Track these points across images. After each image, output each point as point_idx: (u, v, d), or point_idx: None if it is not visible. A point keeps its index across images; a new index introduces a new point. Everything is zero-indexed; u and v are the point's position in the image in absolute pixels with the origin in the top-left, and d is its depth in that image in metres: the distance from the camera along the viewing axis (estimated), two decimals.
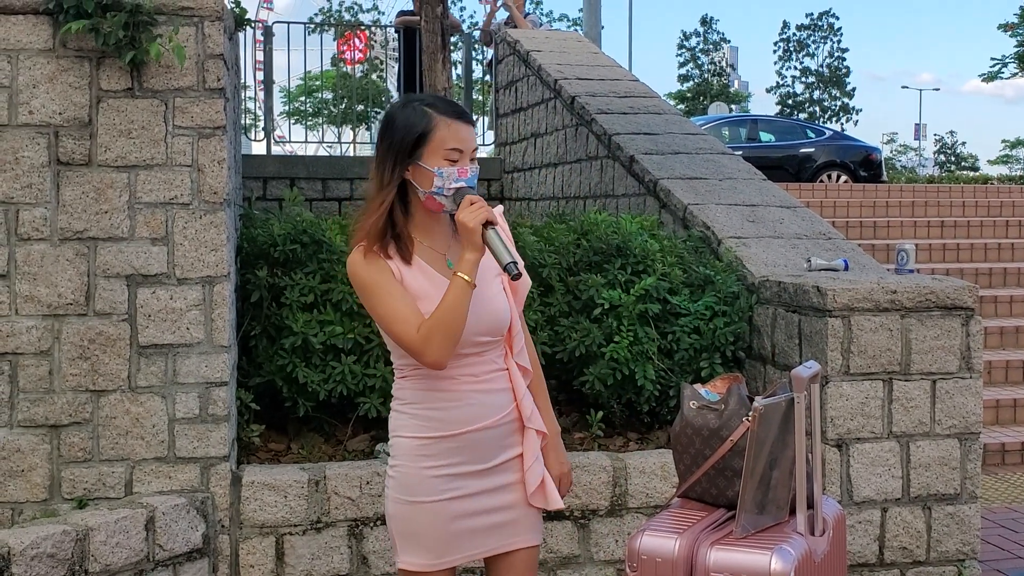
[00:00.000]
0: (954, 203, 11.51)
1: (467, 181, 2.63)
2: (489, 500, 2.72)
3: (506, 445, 2.74)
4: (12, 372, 3.99)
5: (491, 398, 2.71)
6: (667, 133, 7.25)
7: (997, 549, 5.17)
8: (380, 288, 2.63)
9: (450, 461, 2.68)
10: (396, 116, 2.70)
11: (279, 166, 9.37)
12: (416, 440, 2.69)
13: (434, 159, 2.63)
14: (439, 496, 2.67)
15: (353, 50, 21.23)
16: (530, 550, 2.81)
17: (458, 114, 2.68)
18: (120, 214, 4.04)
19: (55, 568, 3.59)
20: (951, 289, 4.50)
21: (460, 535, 2.70)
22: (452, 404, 2.67)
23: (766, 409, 2.66)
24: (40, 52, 3.98)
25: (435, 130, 2.64)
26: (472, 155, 2.68)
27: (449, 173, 2.62)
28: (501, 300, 2.73)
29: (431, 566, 2.70)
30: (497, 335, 2.72)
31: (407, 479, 2.70)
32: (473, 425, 2.68)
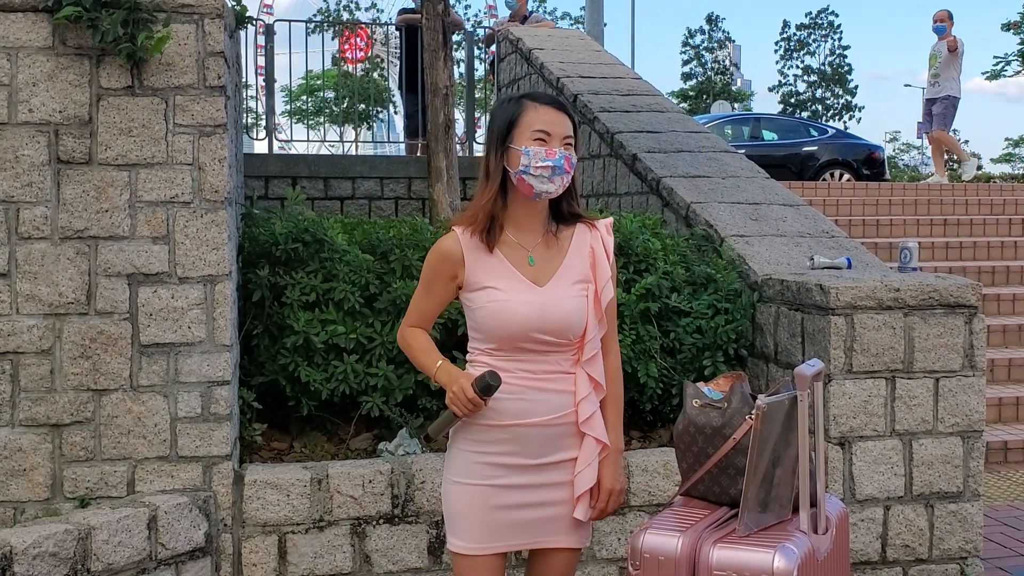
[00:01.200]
0: (957, 201, 11.47)
1: (554, 161, 2.71)
2: (535, 495, 2.77)
3: (561, 446, 2.78)
4: (13, 371, 3.98)
5: (546, 396, 2.75)
6: (670, 131, 7.24)
7: (1000, 547, 5.16)
8: (425, 280, 2.86)
9: (499, 450, 2.75)
10: (495, 112, 2.86)
11: (281, 165, 9.36)
12: (471, 425, 2.78)
13: (523, 140, 2.73)
14: (480, 480, 2.75)
15: (354, 49, 21.23)
16: (571, 552, 2.85)
17: (550, 101, 2.78)
18: (121, 213, 4.03)
19: (57, 567, 3.59)
20: (954, 287, 4.49)
21: (501, 523, 2.75)
22: (506, 395, 2.72)
23: (769, 407, 2.65)
24: (40, 50, 3.97)
25: (523, 114, 2.75)
26: (566, 141, 2.74)
27: (536, 152, 2.70)
28: (575, 304, 2.76)
29: (472, 549, 2.76)
30: (562, 337, 2.74)
31: (456, 460, 2.81)
32: (525, 419, 2.74)
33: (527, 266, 2.77)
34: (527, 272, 2.76)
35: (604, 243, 2.85)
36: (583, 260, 2.82)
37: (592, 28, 14.89)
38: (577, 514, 2.80)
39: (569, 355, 2.78)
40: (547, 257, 2.80)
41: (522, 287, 2.73)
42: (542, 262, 2.79)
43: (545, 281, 2.77)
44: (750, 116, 20.71)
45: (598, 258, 2.83)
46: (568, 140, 2.75)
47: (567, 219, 2.86)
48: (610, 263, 2.86)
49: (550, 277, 2.78)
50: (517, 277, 2.75)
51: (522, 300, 2.71)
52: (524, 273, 2.76)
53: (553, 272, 2.79)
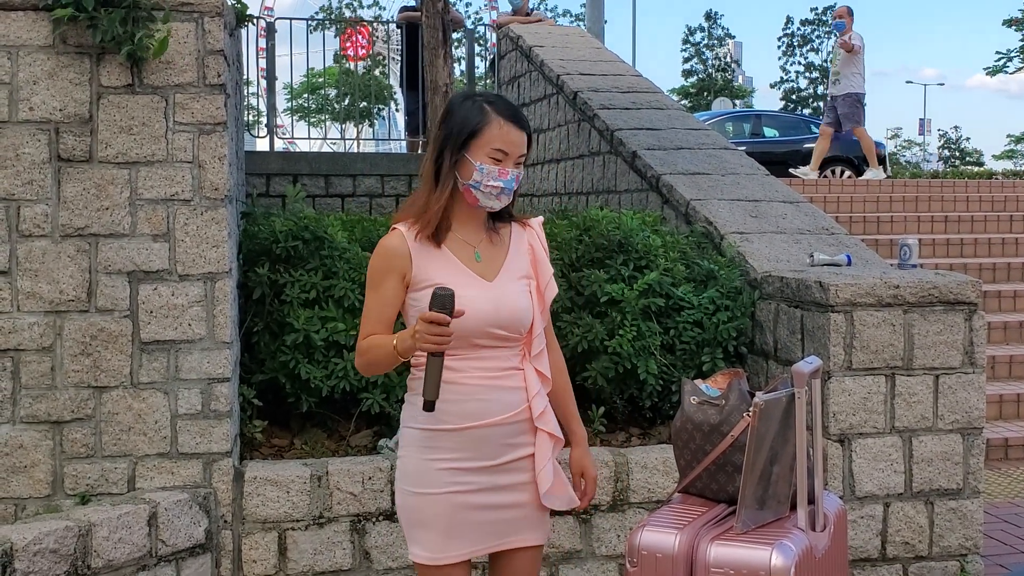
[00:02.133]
0: (958, 198, 11.46)
1: (505, 183, 2.70)
2: (495, 497, 2.73)
3: (515, 444, 2.75)
4: (14, 368, 3.99)
5: (501, 395, 2.72)
6: (670, 129, 7.24)
7: (1000, 544, 5.16)
8: (375, 281, 2.76)
9: (456, 455, 2.70)
10: (455, 110, 2.78)
11: (282, 162, 9.37)
12: (424, 432, 2.72)
13: (479, 155, 2.70)
14: (444, 488, 2.69)
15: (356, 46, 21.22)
16: (534, 549, 2.82)
17: (513, 117, 2.74)
18: (121, 210, 4.04)
19: (58, 564, 3.60)
20: (954, 284, 4.49)
21: (464, 529, 2.71)
22: (461, 398, 2.69)
23: (766, 404, 2.66)
24: (40, 48, 3.98)
25: (487, 128, 2.71)
26: (519, 160, 2.74)
27: (489, 171, 2.70)
28: (524, 300, 2.77)
29: (436, 559, 2.72)
30: (514, 331, 2.73)
31: (413, 470, 2.74)
32: (480, 420, 2.69)
33: (474, 262, 2.75)
34: (475, 268, 2.74)
35: (541, 241, 2.88)
36: (523, 257, 2.83)
37: (592, 25, 14.88)
38: (558, 506, 2.79)
39: (517, 351, 2.76)
40: (491, 253, 2.79)
41: (473, 282, 2.71)
42: (487, 258, 2.78)
43: (493, 276, 2.76)
44: (751, 113, 20.71)
45: (538, 255, 2.85)
46: (521, 159, 2.75)
47: (503, 217, 2.86)
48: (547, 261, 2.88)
49: (497, 272, 2.77)
50: (467, 272, 2.72)
51: (476, 295, 2.68)
52: (473, 269, 2.74)
53: (499, 267, 2.78)
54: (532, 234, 2.88)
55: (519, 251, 2.84)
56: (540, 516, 2.81)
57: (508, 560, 2.81)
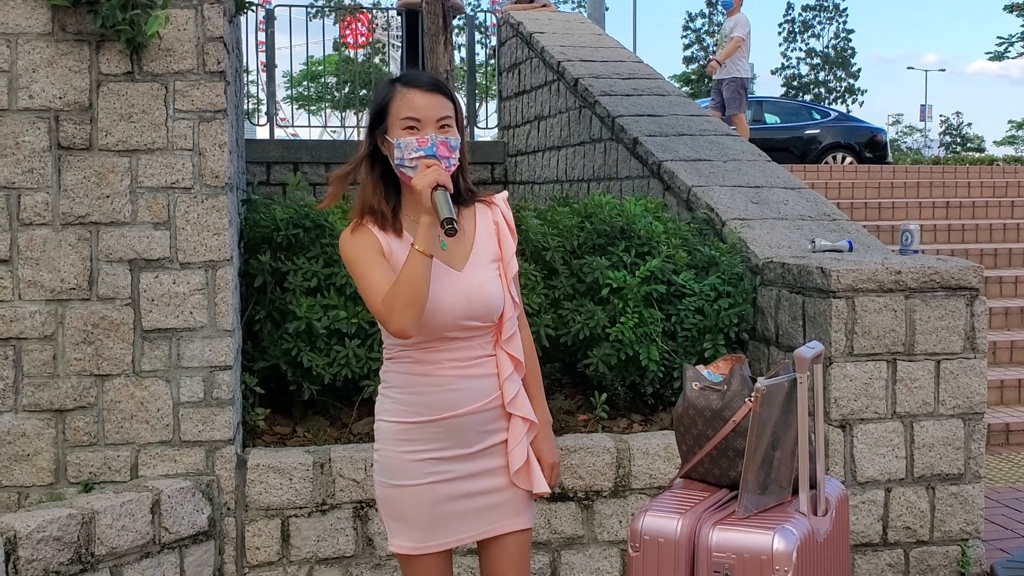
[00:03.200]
0: (959, 184, 11.46)
1: (426, 150, 2.59)
2: (474, 484, 2.71)
3: (491, 431, 2.73)
4: (16, 357, 3.99)
5: (475, 383, 2.69)
6: (671, 115, 7.23)
7: (1001, 528, 5.17)
8: (360, 261, 2.64)
9: (432, 446, 2.68)
10: (374, 96, 2.73)
11: (283, 151, 9.37)
12: (398, 424, 2.69)
13: (394, 131, 2.63)
14: (422, 480, 2.68)
15: (356, 34, 21.17)
16: (521, 533, 2.80)
17: (414, 82, 2.66)
18: (122, 198, 4.03)
19: (61, 551, 3.61)
20: (955, 269, 4.49)
21: (446, 518, 2.70)
22: (435, 389, 2.66)
23: (768, 390, 2.66)
24: (39, 36, 3.97)
25: (392, 102, 2.64)
26: (442, 124, 2.63)
27: (407, 143, 2.60)
28: (494, 286, 2.71)
29: (417, 549, 2.71)
30: (487, 321, 2.69)
31: (390, 463, 2.71)
32: (456, 410, 2.67)
33: (440, 251, 2.64)
34: (442, 256, 2.65)
35: (506, 218, 2.79)
36: (491, 238, 2.75)
37: (593, 12, 14.84)
38: (535, 488, 2.75)
39: (489, 337, 2.71)
40: (457, 239, 2.66)
41: (442, 274, 2.63)
42: (453, 244, 2.67)
43: (462, 264, 2.69)
44: (752, 99, 20.66)
45: (502, 232, 2.76)
46: (444, 121, 2.63)
47: (464, 199, 2.75)
48: (513, 236, 2.79)
49: (466, 260, 2.70)
50: (435, 263, 2.61)
51: (446, 289, 2.61)
52: (440, 258, 2.64)
53: (467, 254, 2.71)
54: (496, 211, 2.79)
55: (486, 233, 2.76)
56: (523, 500, 2.78)
57: (495, 546, 2.79)
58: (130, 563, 3.84)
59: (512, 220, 2.81)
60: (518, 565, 2.80)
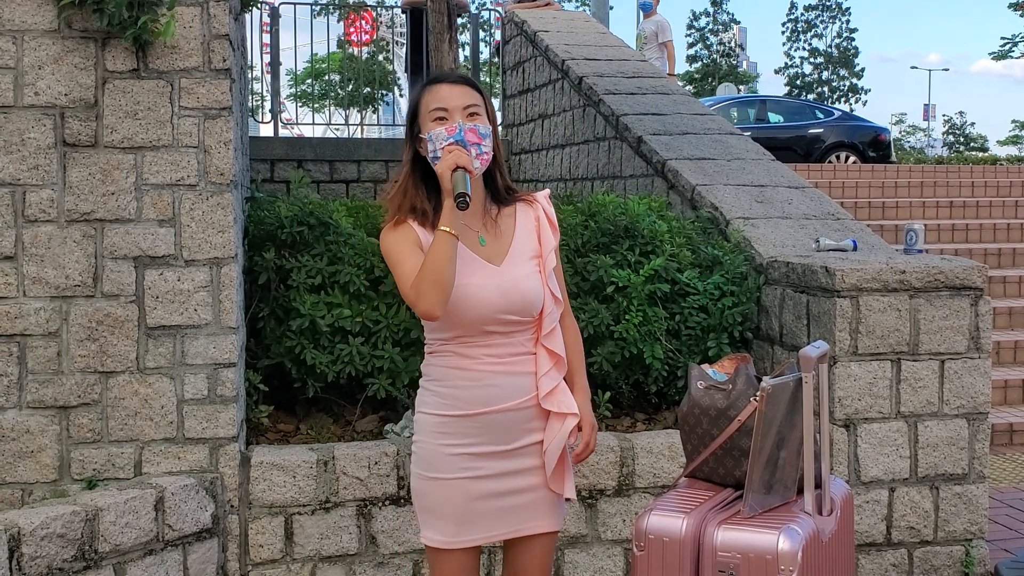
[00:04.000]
0: (963, 183, 11.45)
1: (455, 136, 2.64)
2: (509, 482, 2.73)
3: (528, 429, 2.75)
4: (21, 353, 4.00)
5: (513, 380, 2.71)
6: (675, 114, 7.22)
7: (1005, 529, 5.17)
8: (395, 251, 2.69)
9: (469, 441, 2.70)
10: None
11: (287, 148, 9.36)
12: (437, 417, 2.73)
13: (426, 126, 2.69)
14: (457, 474, 2.70)
15: (360, 32, 21.17)
16: (548, 536, 2.83)
17: (439, 78, 2.76)
18: (127, 196, 4.03)
19: (65, 548, 3.61)
20: (960, 269, 4.48)
21: (478, 515, 2.72)
22: (472, 384, 2.69)
23: (774, 389, 2.65)
24: (45, 33, 3.97)
25: (421, 99, 2.72)
26: (469, 111, 2.68)
27: (437, 134, 2.66)
28: (532, 281, 2.73)
29: (449, 543, 2.73)
30: (525, 315, 2.71)
31: (427, 455, 2.75)
32: (492, 406, 2.69)
33: (479, 246, 2.72)
34: (481, 252, 2.71)
35: (547, 213, 2.83)
36: (530, 234, 2.79)
37: (597, 10, 14.83)
38: (557, 489, 2.78)
39: (530, 334, 2.74)
40: (496, 236, 2.75)
41: (479, 268, 2.68)
42: (493, 241, 2.74)
43: (500, 260, 2.73)
44: (756, 98, 20.67)
45: (543, 227, 2.80)
46: (471, 109, 2.69)
47: (504, 197, 2.81)
48: (557, 230, 2.84)
49: (504, 255, 2.74)
50: (472, 258, 2.69)
51: (483, 283, 2.66)
52: (479, 253, 2.71)
53: (506, 250, 2.75)
54: (538, 208, 2.83)
55: (526, 230, 2.80)
56: (554, 502, 2.81)
57: (522, 546, 2.82)
58: (133, 560, 3.84)
59: (554, 216, 2.85)
60: (541, 566, 2.83)
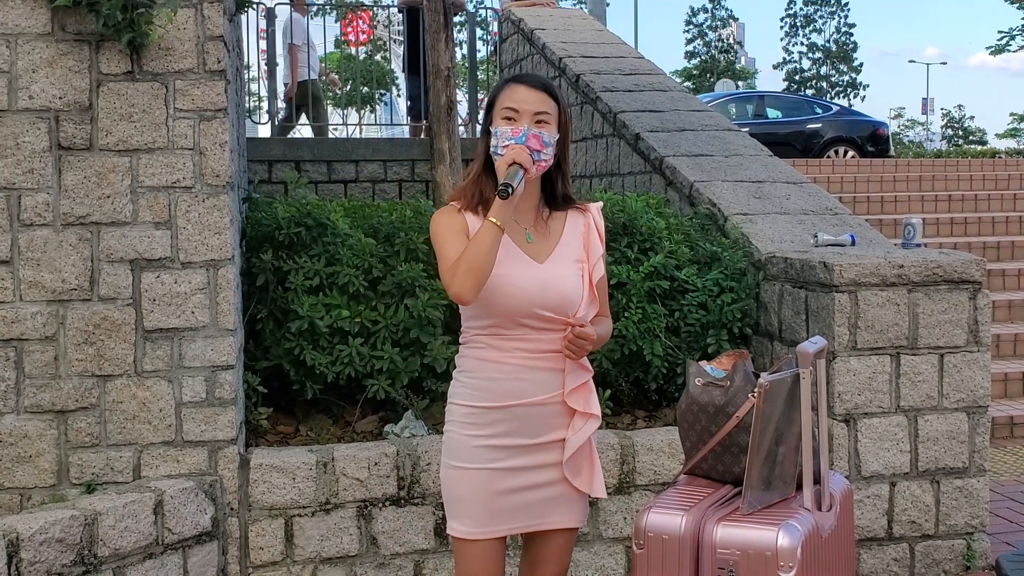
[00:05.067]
0: (961, 177, 11.44)
1: (516, 139, 2.71)
2: (534, 476, 2.78)
3: (554, 424, 2.80)
4: (18, 358, 3.99)
5: (542, 376, 2.77)
6: (673, 110, 7.22)
7: (1006, 522, 5.16)
8: (441, 236, 2.77)
9: (496, 431, 2.76)
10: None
11: (284, 149, 9.33)
12: (465, 408, 2.79)
13: (496, 121, 2.77)
14: (483, 464, 2.76)
15: (357, 31, 21.17)
16: (568, 532, 2.87)
17: (519, 78, 2.82)
18: (122, 198, 4.03)
19: (64, 553, 3.60)
20: (958, 263, 4.48)
21: (501, 506, 2.76)
22: (502, 376, 2.75)
23: (772, 385, 2.65)
24: (39, 36, 3.96)
25: (499, 95, 2.79)
26: (538, 118, 2.75)
27: (503, 132, 2.74)
28: (573, 282, 2.79)
29: (473, 534, 2.77)
30: (560, 313, 2.75)
31: (455, 444, 2.82)
32: (520, 400, 2.75)
33: (525, 243, 2.79)
34: (526, 248, 2.78)
35: (596, 224, 2.90)
36: (577, 240, 2.86)
37: (594, 8, 14.82)
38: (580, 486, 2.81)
39: (562, 332, 2.77)
40: (544, 236, 2.83)
41: (522, 263, 2.75)
42: (539, 240, 2.82)
43: (544, 258, 2.80)
44: (754, 94, 20.65)
45: (591, 237, 2.87)
46: (541, 116, 2.75)
47: (559, 203, 2.88)
48: (602, 243, 2.90)
49: (548, 255, 2.81)
50: (517, 253, 2.76)
51: (524, 275, 2.73)
52: (524, 249, 2.78)
53: (551, 250, 2.82)
54: (589, 217, 2.90)
55: (574, 235, 2.87)
56: (577, 498, 2.85)
57: (542, 541, 2.86)
58: (133, 564, 3.83)
59: (603, 228, 2.92)
60: (560, 561, 2.88)
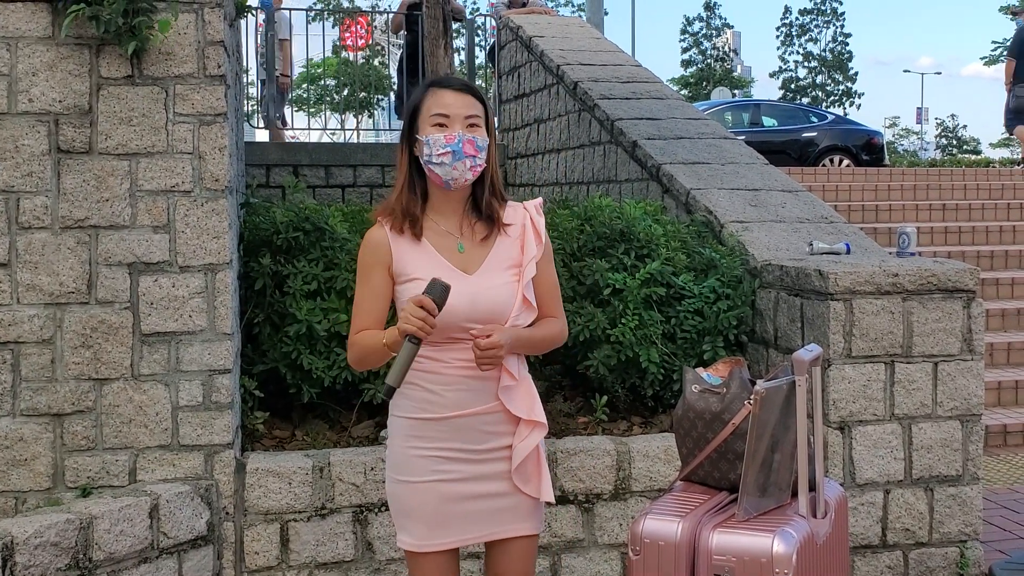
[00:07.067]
0: (956, 186, 11.46)
1: (453, 146, 2.66)
2: (480, 486, 2.75)
3: (498, 432, 2.76)
4: (14, 361, 3.99)
5: (482, 384, 2.73)
6: (669, 118, 7.24)
7: (999, 530, 5.17)
8: (362, 275, 2.78)
9: (440, 444, 2.73)
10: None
11: (282, 153, 9.35)
12: (408, 420, 2.76)
13: (424, 128, 2.70)
14: (427, 477, 2.73)
15: (355, 36, 21.20)
16: (528, 539, 2.84)
17: (445, 82, 2.76)
18: (121, 202, 4.03)
19: (59, 557, 3.60)
20: (952, 272, 4.50)
21: (451, 517, 2.73)
22: (443, 387, 2.71)
23: (768, 392, 2.66)
24: (39, 40, 3.97)
25: (423, 101, 2.73)
26: (470, 122, 2.70)
27: (436, 139, 2.68)
28: (505, 291, 2.73)
29: (422, 546, 2.75)
30: (491, 324, 2.69)
31: (398, 459, 2.78)
32: (462, 410, 2.72)
33: (456, 254, 2.73)
34: (456, 260, 2.72)
35: (533, 222, 2.82)
36: (513, 243, 2.79)
37: (592, 15, 14.85)
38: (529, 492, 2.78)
39: None
40: (475, 244, 2.76)
41: (450, 275, 2.65)
42: (472, 249, 2.75)
43: (475, 268, 2.74)
44: (750, 103, 20.68)
45: (527, 238, 2.80)
46: (472, 119, 2.70)
47: (491, 207, 2.79)
48: (542, 241, 2.82)
49: (480, 264, 2.75)
50: (445, 266, 2.70)
51: (454, 291, 2.62)
52: (453, 262, 2.72)
53: (483, 258, 2.76)
54: (526, 217, 2.83)
55: (511, 238, 2.80)
56: (530, 506, 2.82)
57: (501, 549, 2.83)
58: (128, 568, 3.83)
59: (542, 226, 2.84)
60: (522, 569, 2.84)
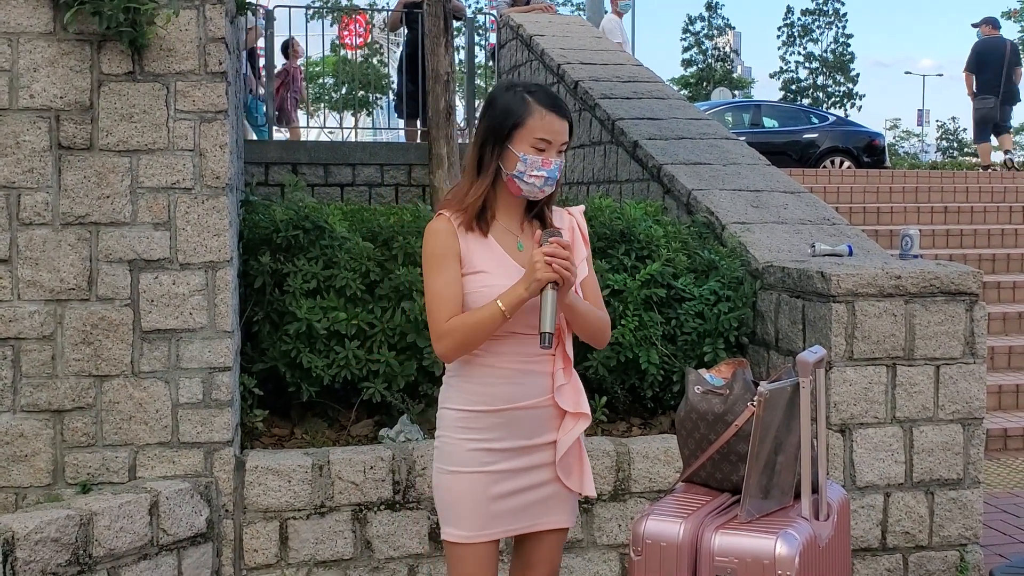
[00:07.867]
0: (957, 189, 11.46)
1: (548, 172, 2.76)
2: (525, 478, 2.80)
3: (547, 427, 2.82)
4: (15, 357, 3.98)
5: (534, 379, 2.79)
6: (671, 118, 7.23)
7: (999, 534, 5.17)
8: (437, 263, 2.77)
9: (491, 436, 2.77)
10: (498, 99, 2.83)
11: (281, 151, 9.34)
12: (460, 412, 2.80)
13: (522, 146, 2.75)
14: (478, 468, 2.77)
15: (353, 35, 21.18)
16: (560, 532, 2.89)
17: (554, 106, 2.79)
18: (122, 199, 4.02)
19: (59, 552, 3.60)
20: (955, 274, 4.49)
21: (498, 510, 2.77)
22: (496, 380, 2.76)
23: (771, 394, 2.65)
24: (40, 35, 3.96)
25: (529, 119, 2.76)
26: (560, 148, 2.79)
27: (533, 161, 2.75)
28: None
29: (469, 538, 2.78)
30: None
31: (448, 449, 2.81)
32: (515, 403, 2.77)
33: (517, 252, 2.81)
34: (518, 258, 2.80)
35: (579, 226, 2.94)
36: None
37: (593, 14, 14.83)
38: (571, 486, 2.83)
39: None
40: (533, 243, 2.81)
41: (514, 273, 2.75)
42: (530, 247, 2.81)
43: None
44: (751, 103, 20.68)
45: (576, 240, 2.90)
46: (563, 147, 2.80)
47: (546, 210, 2.92)
48: (586, 245, 2.94)
49: None
50: (509, 262, 2.78)
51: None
52: (515, 258, 2.80)
53: None
54: (572, 222, 2.94)
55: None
56: (569, 498, 2.87)
57: (534, 543, 2.88)
58: (128, 565, 3.83)
59: (586, 231, 2.97)
60: (550, 561, 2.90)
